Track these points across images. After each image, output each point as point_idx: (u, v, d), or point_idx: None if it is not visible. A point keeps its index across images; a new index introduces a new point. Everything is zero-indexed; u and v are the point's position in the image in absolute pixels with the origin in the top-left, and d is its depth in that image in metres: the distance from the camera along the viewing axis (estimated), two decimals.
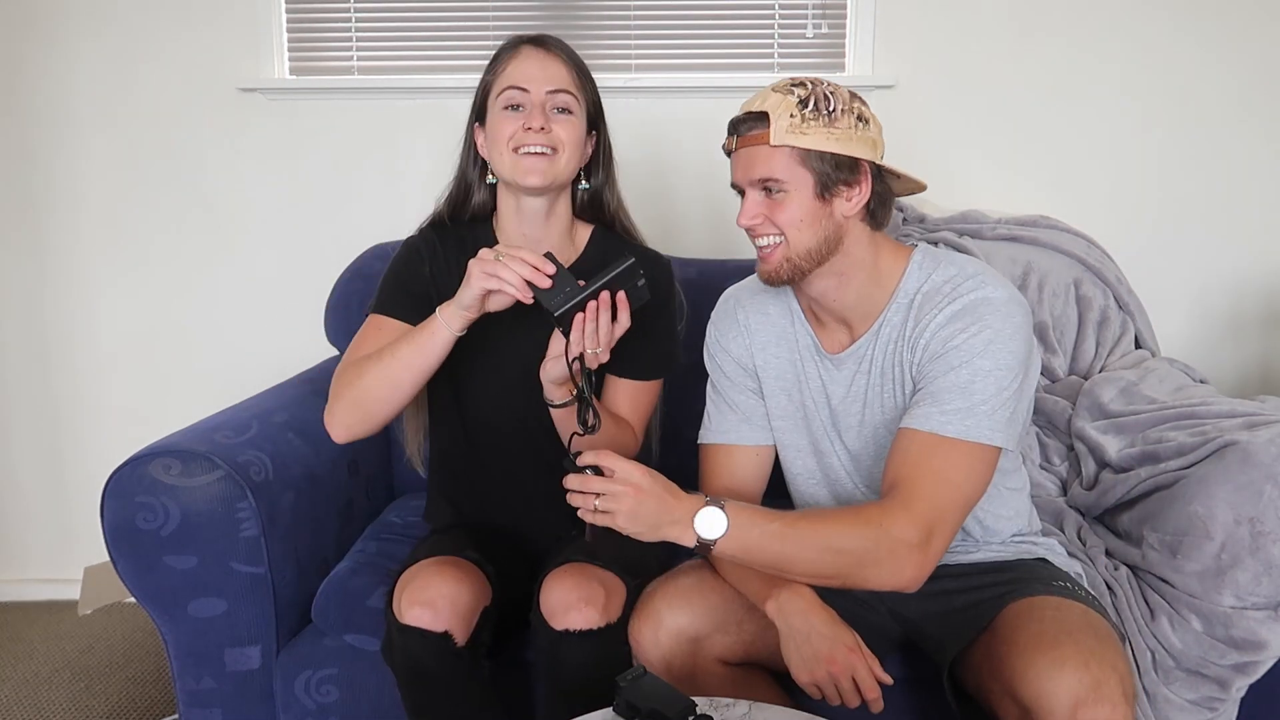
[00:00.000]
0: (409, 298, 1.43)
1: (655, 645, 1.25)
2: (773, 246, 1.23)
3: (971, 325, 1.18)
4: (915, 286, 1.26)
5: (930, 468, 1.16)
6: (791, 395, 1.36)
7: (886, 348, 1.27)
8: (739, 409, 1.38)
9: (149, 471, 1.40)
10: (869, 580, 1.15)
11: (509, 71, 1.39)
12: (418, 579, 1.30)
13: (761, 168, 1.20)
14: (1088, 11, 2.19)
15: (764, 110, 1.19)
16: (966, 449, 1.16)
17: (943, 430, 1.16)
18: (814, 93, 1.20)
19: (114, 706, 1.97)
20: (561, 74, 1.39)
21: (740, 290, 1.43)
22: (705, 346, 1.43)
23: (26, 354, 2.40)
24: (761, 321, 1.37)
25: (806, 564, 1.15)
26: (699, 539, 1.13)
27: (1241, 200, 2.26)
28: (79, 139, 2.29)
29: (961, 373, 1.17)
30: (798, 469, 1.39)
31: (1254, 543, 1.24)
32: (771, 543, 1.14)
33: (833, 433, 1.34)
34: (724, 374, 1.40)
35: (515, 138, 1.36)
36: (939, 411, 1.17)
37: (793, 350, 1.35)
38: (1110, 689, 1.03)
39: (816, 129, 1.18)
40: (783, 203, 1.21)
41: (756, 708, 1.11)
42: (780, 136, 1.18)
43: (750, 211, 1.23)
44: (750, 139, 1.21)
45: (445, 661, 1.27)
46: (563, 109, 1.39)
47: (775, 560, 1.16)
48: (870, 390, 1.29)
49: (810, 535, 1.15)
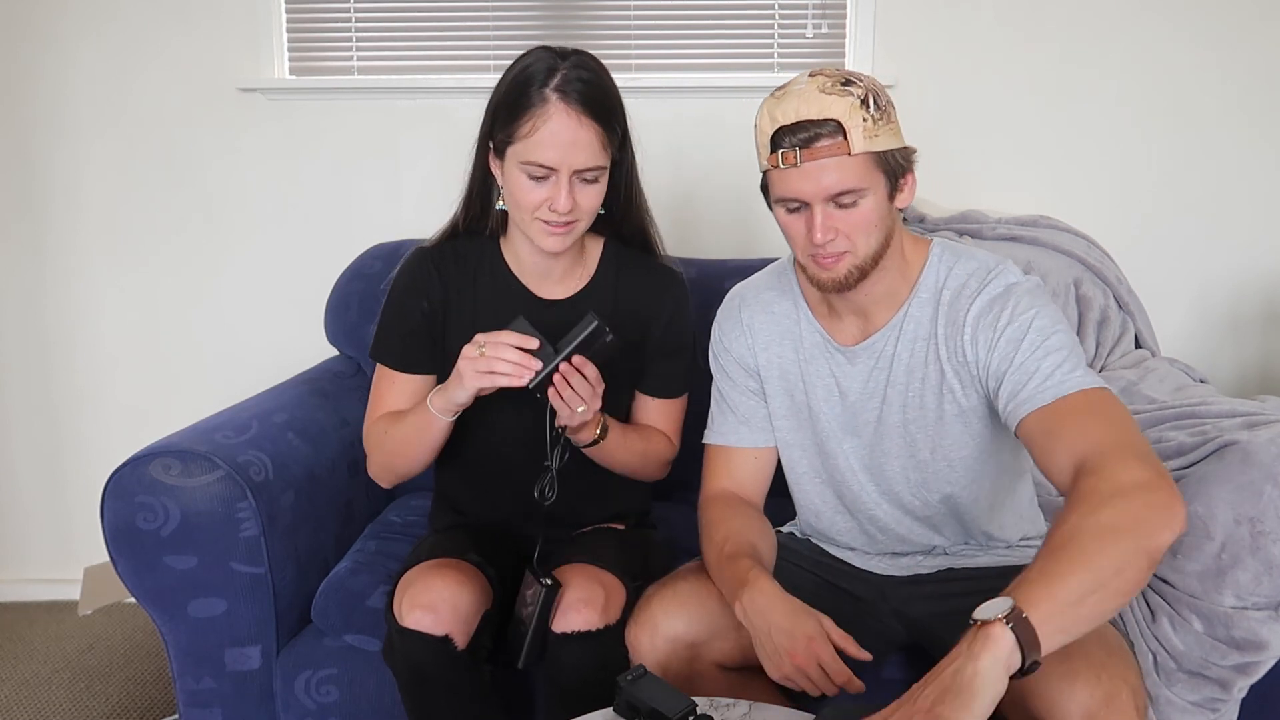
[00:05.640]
0: (408, 342, 1.44)
1: (652, 651, 1.24)
2: (837, 255, 1.16)
3: (1010, 304, 1.17)
4: (938, 280, 1.24)
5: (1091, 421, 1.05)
6: (795, 395, 1.35)
7: (912, 345, 1.25)
8: (738, 411, 1.38)
9: (149, 471, 1.40)
10: (1160, 546, 0.95)
11: (536, 140, 1.26)
12: (418, 581, 1.30)
13: (840, 180, 1.12)
14: (1087, 12, 2.19)
15: (833, 118, 1.11)
16: (1094, 395, 1.08)
17: (1061, 390, 1.08)
18: (869, 89, 1.13)
19: (114, 706, 1.97)
20: (593, 146, 1.28)
21: (745, 288, 1.40)
22: (710, 347, 1.42)
23: (26, 354, 2.40)
24: (765, 320, 1.35)
25: (1114, 598, 0.94)
26: (1024, 657, 0.89)
27: (1241, 200, 2.25)
28: (79, 139, 2.29)
29: (1032, 338, 1.13)
30: (802, 469, 1.38)
31: (1254, 543, 1.24)
32: (1080, 611, 0.92)
33: (841, 431, 1.32)
34: (726, 375, 1.39)
35: (540, 211, 1.30)
36: (1044, 380, 1.10)
37: (796, 348, 1.33)
38: (1123, 702, 1.03)
39: (884, 128, 1.13)
40: (856, 211, 1.14)
41: (756, 708, 1.11)
42: (860, 144, 1.11)
43: (826, 227, 1.14)
44: (822, 150, 1.11)
45: (445, 665, 1.27)
46: (590, 180, 1.30)
47: (1093, 620, 0.94)
48: (891, 387, 1.27)
49: (1088, 571, 0.92)
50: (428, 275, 1.43)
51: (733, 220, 2.28)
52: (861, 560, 1.40)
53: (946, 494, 1.30)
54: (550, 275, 1.44)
